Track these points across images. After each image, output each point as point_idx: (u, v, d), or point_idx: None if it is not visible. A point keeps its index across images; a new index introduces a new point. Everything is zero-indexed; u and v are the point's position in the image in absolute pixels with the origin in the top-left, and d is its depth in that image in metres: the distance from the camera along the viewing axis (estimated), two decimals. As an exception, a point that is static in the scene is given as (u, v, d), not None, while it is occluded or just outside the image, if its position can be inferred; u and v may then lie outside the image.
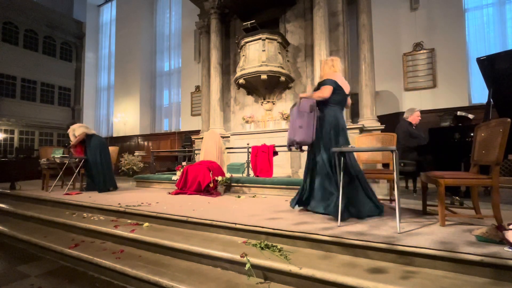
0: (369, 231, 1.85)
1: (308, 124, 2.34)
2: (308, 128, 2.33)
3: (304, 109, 2.37)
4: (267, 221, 2.18)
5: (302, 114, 2.36)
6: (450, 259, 1.44)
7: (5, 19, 11.59)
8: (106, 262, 1.98)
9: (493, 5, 6.55)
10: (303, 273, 1.51)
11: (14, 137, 11.89)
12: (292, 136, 2.38)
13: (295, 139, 2.34)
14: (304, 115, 2.36)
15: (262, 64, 5.90)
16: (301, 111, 2.38)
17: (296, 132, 2.34)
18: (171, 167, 8.25)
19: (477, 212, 2.12)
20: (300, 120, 2.35)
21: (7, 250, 2.67)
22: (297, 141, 2.33)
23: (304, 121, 2.34)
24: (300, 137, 2.33)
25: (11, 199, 4.36)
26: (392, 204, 2.91)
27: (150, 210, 2.73)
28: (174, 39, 11.64)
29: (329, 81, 2.48)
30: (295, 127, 2.37)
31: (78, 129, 4.54)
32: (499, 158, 1.82)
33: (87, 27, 14.27)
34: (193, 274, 1.76)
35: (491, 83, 3.11)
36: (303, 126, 2.33)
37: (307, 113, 2.35)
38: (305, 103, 2.38)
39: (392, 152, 1.97)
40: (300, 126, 2.32)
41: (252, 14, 6.90)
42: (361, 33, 6.00)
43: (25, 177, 6.88)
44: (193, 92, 10.33)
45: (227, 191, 4.13)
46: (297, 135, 2.33)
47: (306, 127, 2.34)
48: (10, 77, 11.82)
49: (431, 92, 6.79)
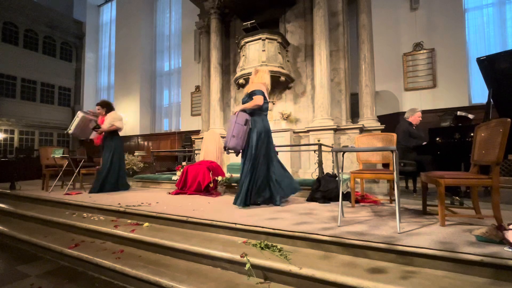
0: (369, 231, 1.85)
1: (240, 135, 2.77)
2: (238, 138, 2.76)
3: (240, 122, 2.78)
4: (267, 221, 2.18)
5: (238, 125, 2.76)
6: (450, 259, 1.44)
7: (5, 19, 11.59)
8: (106, 262, 1.98)
9: (493, 5, 6.55)
10: (303, 273, 1.51)
11: (14, 137, 11.90)
12: (227, 142, 2.76)
13: (228, 145, 2.73)
14: (239, 126, 2.77)
15: (262, 64, 5.89)
16: (237, 122, 2.77)
17: (230, 139, 2.74)
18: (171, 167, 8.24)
19: (477, 212, 2.12)
20: (235, 130, 2.75)
21: (7, 250, 2.67)
22: (229, 147, 2.73)
23: (238, 132, 2.76)
24: (232, 144, 2.74)
25: (11, 199, 4.36)
26: (392, 204, 2.91)
27: (150, 210, 2.73)
28: (174, 39, 11.64)
29: (259, 91, 2.90)
30: (229, 135, 2.75)
31: (119, 121, 4.40)
32: (499, 158, 1.82)
33: (87, 27, 14.27)
34: (193, 274, 1.76)
35: (491, 83, 3.11)
36: (235, 136, 2.75)
37: (241, 125, 2.77)
38: (242, 117, 2.80)
39: (392, 152, 1.97)
40: (233, 136, 2.72)
41: (252, 14, 6.91)
42: (361, 33, 5.99)
43: (25, 177, 6.89)
44: (193, 92, 10.33)
45: (227, 191, 4.13)
46: (230, 143, 2.74)
47: (237, 137, 2.76)
48: (10, 77, 11.82)
49: (431, 92, 6.79)
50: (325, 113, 5.54)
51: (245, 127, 2.78)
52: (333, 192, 3.12)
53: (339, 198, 2.15)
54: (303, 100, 6.35)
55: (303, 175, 5.59)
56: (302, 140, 5.96)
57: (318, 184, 3.28)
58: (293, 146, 5.48)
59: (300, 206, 2.87)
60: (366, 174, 2.86)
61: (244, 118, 2.79)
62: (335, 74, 6.01)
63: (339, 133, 5.59)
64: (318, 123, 5.55)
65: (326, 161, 4.73)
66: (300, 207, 2.81)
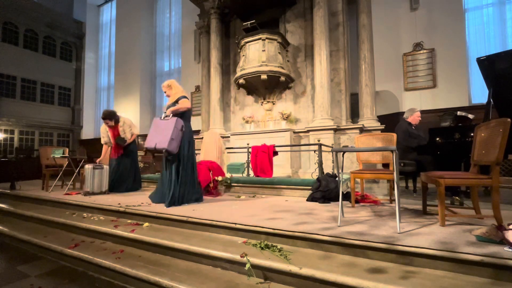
0: (369, 231, 1.85)
1: (178, 138, 2.97)
2: (177, 141, 2.96)
3: (178, 127, 2.97)
4: (267, 221, 2.18)
5: (176, 130, 2.93)
6: (450, 259, 1.44)
7: (5, 19, 11.58)
8: (106, 262, 1.98)
9: (493, 5, 6.55)
10: (303, 273, 1.51)
11: (14, 137, 11.89)
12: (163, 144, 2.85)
13: (167, 148, 2.85)
14: (177, 131, 2.95)
15: (262, 64, 5.90)
16: (176, 127, 2.94)
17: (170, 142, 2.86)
18: (171, 167, 8.22)
19: (477, 212, 2.12)
20: (175, 134, 2.91)
21: (7, 250, 2.67)
22: (168, 150, 2.86)
23: (177, 136, 2.94)
24: (172, 147, 2.89)
25: (11, 199, 4.36)
26: (392, 204, 2.91)
27: (150, 210, 2.73)
28: (174, 39, 11.64)
29: (185, 96, 3.16)
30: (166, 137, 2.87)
31: (134, 126, 4.48)
32: (499, 158, 1.82)
33: (87, 27, 14.27)
34: (193, 274, 1.76)
35: (491, 83, 3.11)
36: (175, 139, 2.91)
37: (179, 130, 2.96)
38: (179, 123, 2.98)
39: (392, 152, 1.97)
40: (172, 139, 2.87)
41: (252, 14, 6.91)
42: (361, 33, 6.00)
43: (25, 177, 6.89)
44: (193, 92, 10.34)
45: (227, 191, 4.13)
46: (171, 145, 2.87)
47: (176, 141, 2.94)
48: (10, 77, 11.81)
49: (431, 92, 6.79)
50: (325, 113, 5.54)
51: (181, 132, 2.99)
52: (333, 192, 3.12)
53: (339, 198, 2.15)
54: (303, 100, 6.35)
55: (303, 175, 5.59)
56: (302, 140, 5.96)
57: (318, 184, 3.28)
58: (293, 146, 5.49)
59: (300, 206, 2.87)
60: (366, 174, 2.87)
61: (181, 124, 2.99)
62: (335, 74, 6.02)
63: (339, 133, 5.59)
64: (318, 123, 5.55)
65: (326, 161, 4.74)
66: (300, 207, 2.81)
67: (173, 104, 3.12)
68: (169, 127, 2.90)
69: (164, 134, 2.88)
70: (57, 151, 4.61)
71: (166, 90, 3.23)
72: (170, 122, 2.94)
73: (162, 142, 2.85)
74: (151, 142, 2.92)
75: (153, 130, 2.97)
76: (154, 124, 3.00)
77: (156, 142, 2.87)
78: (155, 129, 2.96)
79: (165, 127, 2.92)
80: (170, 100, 3.18)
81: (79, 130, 13.90)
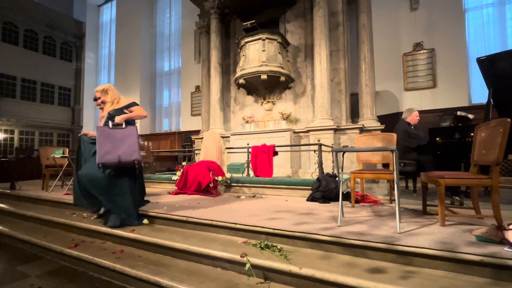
0: (369, 231, 1.85)
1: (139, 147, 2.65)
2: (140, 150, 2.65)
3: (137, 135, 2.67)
4: (267, 221, 2.18)
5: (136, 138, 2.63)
6: (450, 259, 1.44)
7: (5, 19, 11.58)
8: (106, 262, 1.98)
9: (493, 5, 6.55)
10: (303, 273, 1.51)
11: (14, 137, 11.89)
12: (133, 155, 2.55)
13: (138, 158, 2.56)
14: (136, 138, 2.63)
15: (262, 64, 5.90)
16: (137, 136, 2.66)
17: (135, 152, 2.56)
18: (171, 167, 8.25)
19: (477, 212, 2.12)
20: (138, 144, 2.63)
21: (7, 250, 2.67)
22: (139, 160, 2.57)
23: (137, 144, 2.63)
24: (140, 156, 2.59)
25: (11, 199, 4.36)
26: (392, 204, 2.91)
27: (150, 210, 2.73)
28: (174, 39, 11.64)
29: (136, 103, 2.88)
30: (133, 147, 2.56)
31: None
32: (499, 158, 1.82)
33: (87, 27, 14.26)
34: (193, 274, 1.76)
35: (491, 83, 3.11)
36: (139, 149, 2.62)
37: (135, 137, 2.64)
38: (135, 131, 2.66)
39: (392, 152, 1.97)
40: (139, 148, 2.60)
41: (252, 14, 6.91)
42: (361, 33, 6.00)
43: (25, 177, 6.89)
44: (193, 92, 10.33)
45: (227, 191, 4.13)
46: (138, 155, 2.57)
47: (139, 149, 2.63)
48: (10, 77, 11.80)
49: (431, 92, 6.79)
50: (325, 113, 5.54)
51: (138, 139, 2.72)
52: (333, 192, 3.12)
53: (339, 198, 2.16)
54: (303, 100, 6.35)
55: (303, 175, 5.59)
56: (302, 140, 5.96)
57: (318, 184, 3.28)
58: (293, 146, 5.49)
59: (300, 206, 2.87)
60: (366, 174, 2.87)
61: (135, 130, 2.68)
62: (335, 74, 6.02)
63: (339, 133, 5.59)
64: (318, 123, 5.55)
65: (326, 161, 4.74)
66: (300, 207, 2.81)
67: (119, 110, 2.73)
68: (132, 136, 2.58)
69: (128, 144, 2.54)
70: (57, 151, 4.61)
71: (101, 95, 2.81)
72: (130, 130, 2.60)
73: (131, 153, 2.51)
74: (112, 155, 2.46)
75: (105, 140, 2.50)
76: (103, 134, 2.51)
77: (119, 155, 2.47)
78: (108, 139, 2.51)
79: (125, 137, 2.56)
80: (110, 105, 2.78)
81: (79, 130, 13.89)
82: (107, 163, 2.44)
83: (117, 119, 2.61)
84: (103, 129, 2.55)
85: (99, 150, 2.44)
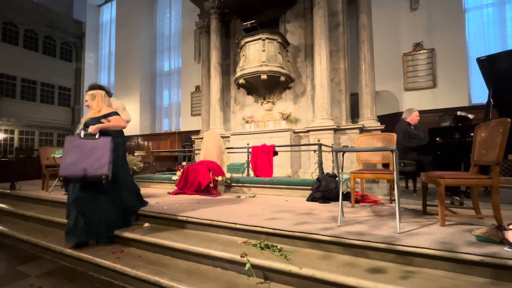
0: (369, 231, 1.85)
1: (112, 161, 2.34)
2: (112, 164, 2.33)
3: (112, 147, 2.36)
4: (267, 221, 2.18)
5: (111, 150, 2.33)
6: (450, 259, 1.44)
7: (5, 19, 11.58)
8: (106, 262, 1.98)
9: (493, 5, 6.55)
10: (303, 273, 1.51)
11: (14, 137, 11.88)
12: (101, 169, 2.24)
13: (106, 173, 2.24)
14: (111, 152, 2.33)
15: (262, 64, 5.90)
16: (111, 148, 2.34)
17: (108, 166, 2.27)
18: (171, 167, 8.24)
19: (477, 212, 2.12)
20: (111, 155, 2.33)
21: (7, 250, 2.67)
22: (107, 175, 2.24)
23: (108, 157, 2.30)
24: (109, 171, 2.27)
25: (11, 199, 4.36)
26: (392, 204, 2.91)
27: (150, 210, 2.73)
28: (174, 39, 11.64)
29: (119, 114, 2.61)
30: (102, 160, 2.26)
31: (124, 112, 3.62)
32: (499, 158, 1.82)
33: (87, 27, 14.26)
34: (193, 274, 1.76)
35: (491, 83, 3.11)
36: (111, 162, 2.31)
37: (112, 150, 2.36)
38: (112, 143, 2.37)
39: (392, 152, 1.97)
40: (110, 162, 2.28)
41: (252, 14, 6.91)
42: (361, 33, 6.00)
43: (25, 177, 6.88)
44: (193, 92, 10.33)
45: (227, 191, 4.13)
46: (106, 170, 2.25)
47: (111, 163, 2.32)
48: (10, 77, 11.80)
49: (431, 92, 6.79)
50: (325, 113, 5.54)
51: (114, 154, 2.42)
52: (333, 192, 3.12)
53: (339, 198, 2.16)
54: (303, 100, 6.35)
55: (303, 175, 5.59)
56: (302, 140, 5.96)
57: (318, 184, 3.28)
58: (293, 146, 5.49)
59: (300, 206, 2.87)
60: (366, 174, 2.87)
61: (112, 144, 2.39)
62: (335, 74, 6.02)
63: (339, 133, 5.59)
64: (318, 123, 5.55)
65: (326, 161, 4.74)
66: (300, 207, 2.81)
67: (96, 119, 2.49)
68: (103, 148, 2.30)
69: (96, 156, 2.25)
70: (57, 151, 4.61)
71: (89, 99, 2.60)
72: (103, 141, 2.33)
73: (98, 167, 2.22)
74: (76, 167, 2.19)
75: (71, 151, 2.25)
76: (70, 144, 2.28)
77: (85, 168, 2.20)
78: (76, 150, 2.25)
79: (96, 148, 2.29)
80: (92, 113, 2.56)
81: (79, 130, 13.89)
82: (70, 175, 2.20)
83: (91, 128, 2.37)
84: (72, 139, 2.33)
85: (63, 161, 2.22)
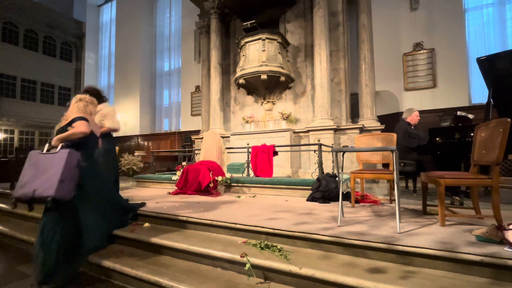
0: (369, 231, 1.85)
1: (73, 178, 2.00)
2: (72, 182, 1.98)
3: (72, 162, 1.99)
4: (267, 221, 2.18)
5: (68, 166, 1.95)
6: (450, 259, 1.44)
7: (5, 19, 11.59)
8: (106, 262, 1.98)
9: (493, 5, 6.55)
10: (303, 273, 1.51)
11: (14, 137, 11.89)
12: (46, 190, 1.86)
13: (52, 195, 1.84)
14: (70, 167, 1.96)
15: (262, 64, 5.90)
16: (69, 163, 1.95)
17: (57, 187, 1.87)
18: (171, 167, 8.24)
19: (477, 212, 2.12)
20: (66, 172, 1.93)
21: (7, 250, 2.67)
22: (54, 196, 1.85)
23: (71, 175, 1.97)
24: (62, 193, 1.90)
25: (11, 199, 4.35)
26: (392, 204, 2.91)
27: (150, 210, 2.73)
28: (174, 39, 11.64)
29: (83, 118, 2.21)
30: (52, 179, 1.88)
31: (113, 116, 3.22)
32: (499, 158, 1.82)
33: (87, 27, 14.27)
34: (193, 274, 1.76)
35: (491, 83, 3.11)
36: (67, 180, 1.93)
37: (72, 166, 1.99)
38: (74, 157, 2.01)
39: (392, 152, 1.97)
40: (62, 180, 1.89)
41: (252, 14, 6.91)
42: (361, 33, 6.00)
43: (25, 177, 6.87)
44: (193, 92, 10.33)
45: (227, 191, 4.13)
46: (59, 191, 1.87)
47: (71, 181, 1.97)
48: (10, 77, 11.82)
49: (431, 92, 6.79)
50: (325, 113, 5.54)
51: (77, 170, 2.02)
52: (333, 192, 3.12)
53: (339, 198, 2.16)
54: (303, 100, 6.35)
55: (303, 175, 5.59)
56: (302, 140, 5.96)
57: (318, 184, 3.28)
58: (293, 146, 5.49)
59: (300, 206, 2.87)
60: (366, 174, 2.87)
61: (76, 158, 2.02)
62: (335, 74, 6.02)
63: (339, 133, 5.59)
64: (318, 123, 5.55)
65: (326, 161, 4.74)
66: (300, 207, 2.81)
67: (62, 128, 2.18)
68: (57, 164, 1.92)
69: (49, 175, 1.89)
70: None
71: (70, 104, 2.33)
72: (58, 157, 1.95)
73: (47, 188, 1.85)
74: (26, 188, 1.89)
75: (28, 169, 1.96)
76: (30, 162, 1.98)
77: (34, 188, 1.87)
78: (32, 167, 1.95)
79: (49, 165, 1.93)
80: (61, 122, 2.24)
81: (79, 130, 13.89)
82: (21, 197, 1.92)
83: (53, 140, 2.07)
84: (33, 154, 2.02)
85: (19, 180, 1.95)
